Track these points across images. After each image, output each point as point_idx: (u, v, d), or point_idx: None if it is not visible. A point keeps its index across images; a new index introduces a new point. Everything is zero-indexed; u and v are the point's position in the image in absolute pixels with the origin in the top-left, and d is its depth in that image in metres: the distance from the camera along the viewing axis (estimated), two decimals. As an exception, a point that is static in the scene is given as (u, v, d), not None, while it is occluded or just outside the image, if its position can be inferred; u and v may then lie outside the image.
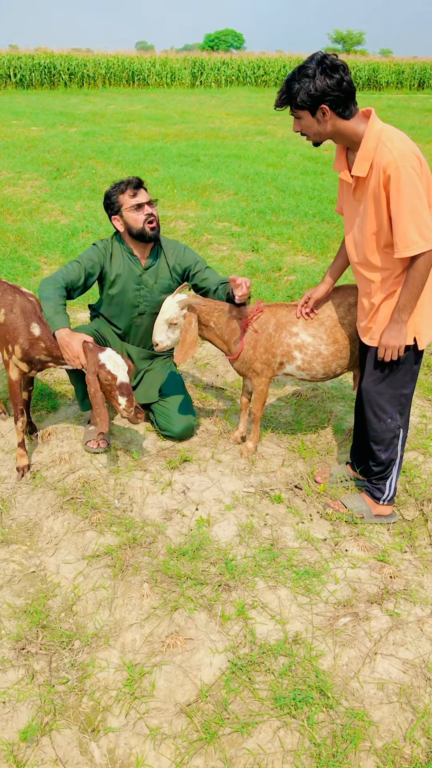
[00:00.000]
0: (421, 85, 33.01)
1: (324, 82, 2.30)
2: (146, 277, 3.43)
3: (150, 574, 2.64)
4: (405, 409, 2.77)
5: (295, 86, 2.35)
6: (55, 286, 3.12)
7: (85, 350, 3.00)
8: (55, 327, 3.02)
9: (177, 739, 2.05)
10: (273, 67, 32.21)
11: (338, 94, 2.32)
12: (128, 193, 3.28)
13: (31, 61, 27.66)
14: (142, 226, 3.28)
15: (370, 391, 2.74)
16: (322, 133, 2.46)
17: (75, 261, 3.28)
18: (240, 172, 10.09)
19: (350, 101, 2.37)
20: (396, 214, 2.35)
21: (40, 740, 2.04)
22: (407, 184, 2.30)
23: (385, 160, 2.32)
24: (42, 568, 2.71)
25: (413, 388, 2.75)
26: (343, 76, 2.31)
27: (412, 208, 2.31)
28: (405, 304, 2.49)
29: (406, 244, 2.36)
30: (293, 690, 2.17)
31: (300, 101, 2.36)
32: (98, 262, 3.33)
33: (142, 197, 3.29)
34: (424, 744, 2.04)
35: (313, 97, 2.33)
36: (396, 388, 2.70)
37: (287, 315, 3.12)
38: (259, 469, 3.34)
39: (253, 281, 5.77)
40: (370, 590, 2.61)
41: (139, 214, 3.27)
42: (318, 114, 2.39)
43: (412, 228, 2.33)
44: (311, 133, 2.47)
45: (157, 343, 3.14)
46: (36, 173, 9.94)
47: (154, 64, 30.50)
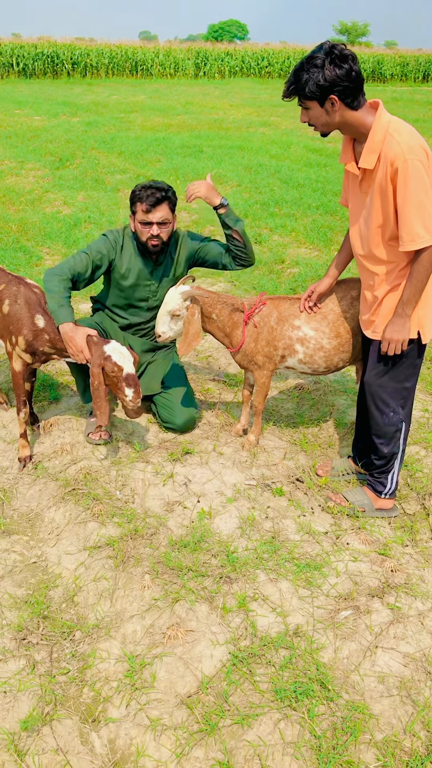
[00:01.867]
0: (426, 77, 32.83)
1: (333, 72, 2.28)
2: (158, 272, 3.42)
3: (151, 566, 2.64)
4: (407, 403, 2.77)
5: (303, 76, 2.32)
6: (61, 278, 3.10)
7: (89, 344, 2.99)
8: (60, 320, 3.01)
9: (177, 730, 2.05)
10: (277, 58, 32.01)
11: (347, 84, 2.30)
12: (143, 207, 3.20)
13: (34, 50, 27.51)
14: (145, 241, 3.27)
15: (372, 385, 2.74)
16: (330, 124, 2.44)
17: (83, 252, 3.26)
18: (243, 164, 10.05)
19: (359, 92, 2.35)
20: (402, 207, 2.34)
21: (41, 730, 2.05)
22: (414, 177, 2.28)
23: (392, 152, 2.30)
24: (43, 559, 2.71)
25: (416, 381, 2.74)
26: (352, 66, 2.29)
27: (419, 201, 2.30)
28: (409, 298, 2.48)
29: (411, 238, 2.35)
30: (294, 682, 2.18)
31: (309, 91, 2.34)
32: (107, 254, 3.31)
33: (153, 216, 3.21)
34: (424, 737, 2.04)
35: (322, 87, 2.31)
36: (399, 382, 2.69)
37: (290, 308, 3.11)
38: (261, 461, 3.34)
39: (255, 274, 5.76)
40: (371, 584, 2.61)
41: (145, 229, 3.25)
42: (327, 104, 2.37)
43: (418, 221, 2.32)
44: (319, 123, 2.45)
45: (160, 334, 3.13)
46: (38, 163, 9.90)
47: (158, 54, 30.33)
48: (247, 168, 9.83)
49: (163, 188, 3.21)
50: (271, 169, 9.79)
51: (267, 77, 31.85)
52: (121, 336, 3.57)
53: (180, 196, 6.63)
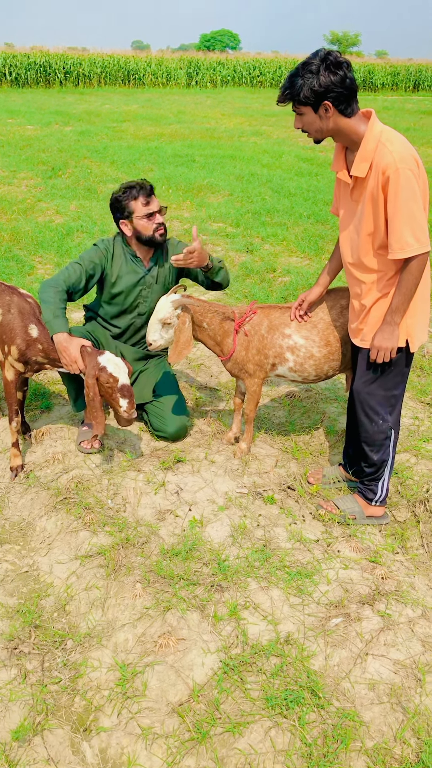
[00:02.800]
0: (416, 86, 33.12)
1: (328, 78, 2.31)
2: (149, 278, 3.45)
3: (143, 575, 2.65)
4: (395, 410, 2.79)
5: (298, 82, 2.35)
6: (56, 289, 3.12)
7: (83, 354, 3.00)
8: (54, 331, 3.02)
9: (169, 738, 2.05)
10: (269, 67, 32.24)
11: (341, 90, 2.33)
12: (141, 201, 3.27)
13: (26, 59, 27.61)
14: (152, 233, 3.31)
15: (361, 392, 2.76)
16: (324, 130, 2.46)
17: (76, 262, 3.29)
18: (235, 173, 10.10)
19: (352, 99, 2.39)
20: (393, 215, 2.37)
21: (32, 740, 2.05)
22: (405, 186, 2.31)
23: (384, 161, 2.33)
24: (35, 568, 2.71)
25: (404, 389, 2.77)
26: (347, 73, 2.33)
27: (409, 210, 2.33)
28: (398, 306, 2.51)
29: (401, 246, 2.38)
30: (285, 690, 2.18)
31: (303, 97, 2.37)
32: (99, 263, 3.34)
33: (154, 206, 3.30)
34: (414, 744, 2.05)
35: (316, 93, 2.34)
36: (387, 389, 2.72)
37: (280, 317, 3.14)
38: (252, 469, 3.35)
39: (247, 282, 5.79)
40: (362, 591, 2.62)
41: (150, 222, 3.30)
42: (320, 110, 2.39)
43: (408, 230, 2.35)
44: (313, 129, 2.48)
45: (151, 342, 3.15)
46: (31, 172, 9.93)
47: (150, 63, 30.49)
48: (238, 177, 9.88)
49: (144, 181, 3.35)
50: (262, 178, 9.84)
51: (259, 87, 32.06)
52: (113, 345, 3.58)
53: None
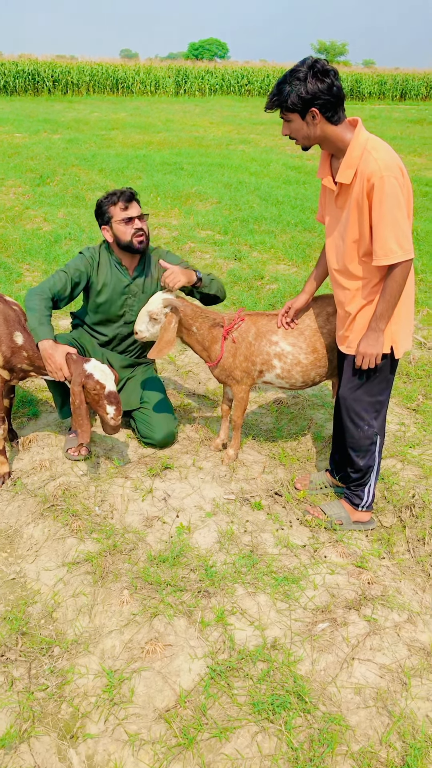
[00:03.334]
0: (403, 96, 33.39)
1: (315, 85, 2.34)
2: (133, 287, 3.46)
3: (130, 581, 2.65)
4: (381, 416, 2.81)
5: (286, 88, 2.39)
6: (42, 296, 3.13)
7: (68, 362, 3.01)
8: (39, 338, 3.03)
9: (156, 744, 2.06)
10: (257, 76, 32.40)
11: (328, 98, 2.37)
12: (119, 206, 3.29)
13: (14, 67, 27.62)
14: (130, 239, 3.31)
15: (347, 399, 2.78)
16: (311, 137, 2.49)
17: (61, 271, 3.30)
18: (223, 181, 10.15)
19: (339, 106, 2.42)
20: (377, 222, 2.39)
21: (19, 747, 2.04)
22: (390, 194, 2.34)
23: (369, 168, 2.36)
24: (22, 575, 2.71)
25: (389, 395, 2.80)
26: (334, 81, 2.36)
27: (393, 217, 2.36)
28: (382, 313, 2.53)
29: (385, 253, 2.41)
30: (271, 695, 2.19)
31: (291, 103, 2.39)
32: (85, 271, 3.35)
33: (132, 211, 3.30)
34: (399, 748, 2.06)
35: (303, 99, 2.37)
36: (373, 395, 2.74)
37: (268, 324, 3.16)
38: (240, 476, 3.36)
39: (235, 289, 5.81)
40: (348, 596, 2.63)
41: (128, 227, 3.30)
42: (308, 117, 2.42)
43: (392, 237, 2.38)
44: (300, 136, 2.51)
45: (137, 332, 3.19)
46: (19, 180, 9.93)
47: (138, 72, 30.58)
48: (227, 185, 9.93)
49: (128, 188, 3.34)
50: (250, 186, 9.89)
51: (247, 95, 32.21)
52: (100, 352, 3.59)
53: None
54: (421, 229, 7.75)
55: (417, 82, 33.17)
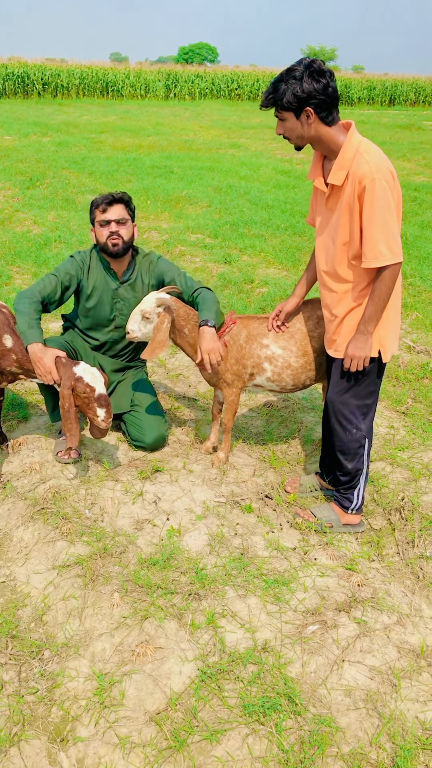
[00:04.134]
0: (392, 101, 33.61)
1: (311, 85, 2.36)
2: (122, 291, 3.45)
3: (120, 584, 2.65)
4: (369, 419, 2.83)
5: (281, 87, 2.40)
6: (31, 300, 3.13)
7: (57, 365, 3.01)
8: (28, 341, 3.02)
9: (146, 747, 2.06)
10: (246, 80, 32.52)
11: (323, 98, 2.38)
12: (100, 208, 3.29)
13: (4, 70, 27.59)
14: (105, 241, 3.31)
15: (335, 402, 2.80)
16: (304, 137, 2.51)
17: (51, 274, 3.30)
18: (213, 185, 10.17)
19: (334, 107, 2.44)
20: (367, 224, 2.41)
21: (9, 751, 2.04)
22: (381, 196, 2.36)
23: (361, 171, 2.38)
24: (12, 578, 2.70)
25: (377, 398, 2.82)
26: (329, 82, 2.38)
27: (383, 220, 2.38)
28: (371, 316, 2.55)
29: (374, 255, 2.42)
30: (262, 697, 2.20)
31: (286, 102, 2.41)
32: (75, 275, 3.35)
33: (110, 215, 3.29)
34: (389, 749, 2.07)
35: (299, 98, 2.38)
36: (360, 399, 2.76)
37: (258, 327, 3.17)
38: (230, 479, 3.37)
39: (225, 293, 5.82)
40: (338, 598, 2.64)
41: (104, 229, 3.30)
42: (302, 116, 2.44)
43: (381, 240, 2.40)
44: (294, 135, 2.52)
45: (128, 331, 3.19)
46: (9, 182, 9.91)
47: (129, 75, 30.62)
48: (217, 189, 9.95)
49: (118, 193, 3.33)
50: (240, 190, 9.92)
51: (237, 99, 32.32)
52: (92, 356, 3.59)
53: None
54: (410, 234, 7.79)
55: (406, 88, 33.42)
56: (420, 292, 6.06)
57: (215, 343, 3.05)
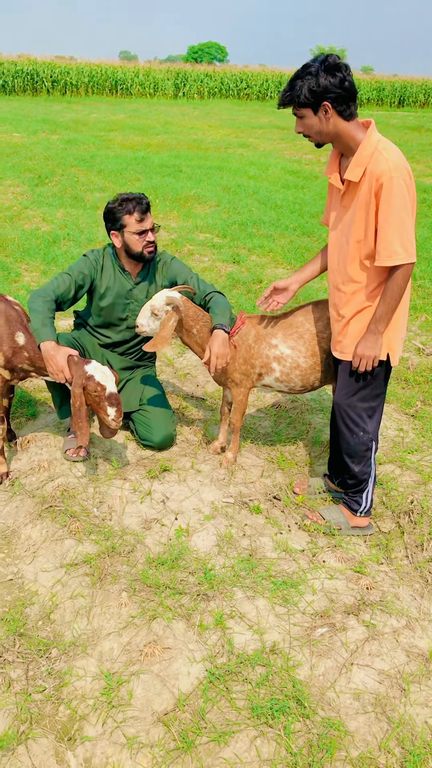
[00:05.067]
0: (401, 102, 33.52)
1: (326, 79, 2.36)
2: (136, 292, 3.45)
3: (128, 583, 2.64)
4: (375, 422, 2.83)
5: (298, 84, 2.41)
6: (45, 298, 3.13)
7: (69, 364, 3.00)
8: (41, 339, 3.02)
9: (154, 748, 2.05)
10: (255, 80, 32.48)
11: (340, 92, 2.38)
12: (135, 217, 3.24)
13: (13, 67, 27.61)
14: (141, 250, 3.30)
15: (341, 405, 2.79)
16: (323, 133, 2.50)
17: (65, 273, 3.29)
18: (222, 184, 10.15)
19: (351, 101, 2.43)
20: (383, 222, 2.40)
21: (16, 749, 2.03)
22: (398, 195, 2.36)
23: (379, 168, 2.38)
24: (19, 576, 2.69)
25: (383, 401, 2.83)
26: (345, 76, 2.38)
27: (400, 219, 2.37)
28: (382, 315, 2.54)
29: (388, 254, 2.42)
30: (270, 699, 2.19)
31: (303, 98, 2.41)
32: (88, 274, 3.35)
33: (147, 224, 3.27)
34: (398, 754, 2.06)
35: (315, 93, 2.38)
36: (367, 401, 2.76)
37: (267, 327, 3.16)
38: (239, 479, 3.36)
39: (234, 293, 5.81)
40: (347, 601, 2.63)
41: (141, 239, 3.28)
42: (320, 112, 2.43)
43: (396, 239, 2.39)
44: (313, 132, 2.51)
45: (137, 325, 3.20)
46: (17, 180, 9.91)
47: (138, 74, 30.60)
48: (225, 188, 9.93)
49: (143, 196, 3.30)
50: (249, 189, 9.90)
51: (246, 99, 32.28)
52: (100, 353, 3.58)
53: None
54: (420, 236, 7.76)
55: (415, 89, 33.31)
56: (429, 294, 6.04)
57: (226, 349, 3.08)
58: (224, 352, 3.07)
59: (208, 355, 3.06)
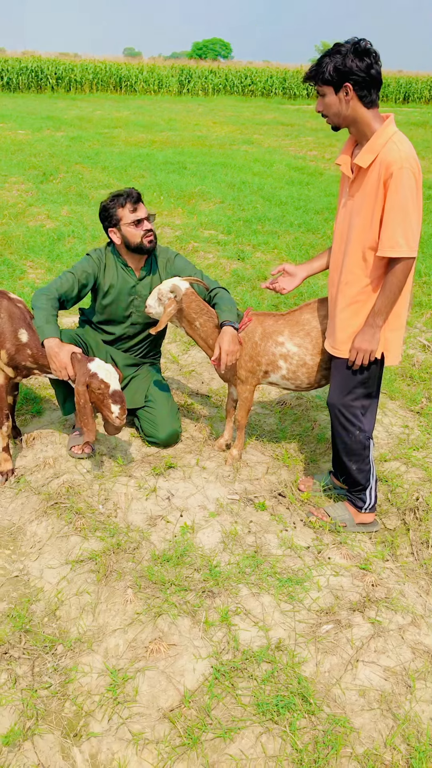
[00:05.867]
0: (406, 98, 33.39)
1: (354, 62, 2.37)
2: (140, 288, 3.45)
3: (134, 580, 2.65)
4: (369, 419, 2.84)
5: (325, 60, 2.42)
6: (49, 296, 3.14)
7: (73, 361, 3.00)
8: (45, 336, 3.03)
9: (159, 744, 2.05)
10: (260, 77, 32.40)
11: (364, 76, 2.39)
12: (128, 208, 3.26)
13: (18, 64, 27.62)
14: (140, 240, 3.30)
15: (336, 405, 2.80)
16: (341, 115, 2.50)
17: (69, 272, 3.30)
18: (226, 181, 10.14)
19: (374, 89, 2.44)
20: (389, 211, 2.41)
21: (23, 745, 2.04)
22: (407, 185, 2.37)
23: (390, 156, 2.38)
24: (25, 573, 2.70)
25: (377, 400, 2.86)
26: (373, 63, 2.39)
27: (405, 211, 2.37)
28: (381, 309, 2.55)
29: (391, 245, 2.42)
30: (276, 696, 2.19)
31: (328, 74, 2.41)
32: (92, 273, 3.35)
33: (141, 212, 3.29)
34: (404, 750, 2.06)
35: (340, 72, 2.39)
36: (360, 400, 2.78)
37: (274, 324, 3.15)
38: (244, 476, 3.36)
39: (238, 290, 5.81)
40: (352, 598, 2.63)
41: (138, 229, 3.29)
42: (341, 93, 2.44)
43: (400, 231, 2.39)
44: (332, 113, 2.51)
45: (146, 305, 3.27)
46: (22, 177, 9.92)
47: (142, 70, 30.57)
48: (230, 185, 9.92)
49: (132, 189, 3.32)
50: (254, 186, 9.88)
51: (250, 95, 32.21)
52: (104, 350, 3.58)
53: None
54: (425, 233, 7.74)
55: (420, 85, 33.17)
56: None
57: (236, 345, 3.10)
58: (234, 349, 3.09)
59: (218, 353, 3.08)
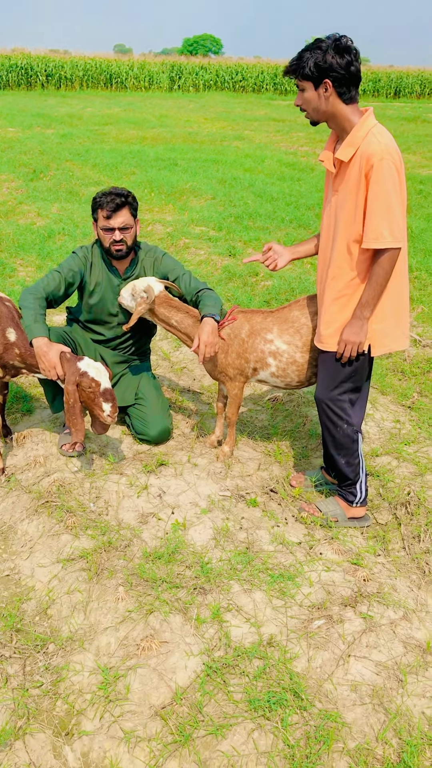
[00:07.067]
0: (397, 93, 33.43)
1: (334, 58, 2.38)
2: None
3: (125, 578, 2.64)
4: (357, 413, 2.85)
5: (306, 55, 2.42)
6: (35, 296, 3.12)
7: (62, 361, 2.99)
8: (33, 335, 3.01)
9: (151, 741, 2.05)
10: (251, 72, 32.37)
11: (344, 73, 2.39)
12: (103, 213, 3.24)
13: (7, 61, 27.52)
14: (108, 246, 3.31)
15: (323, 400, 2.80)
16: (320, 110, 2.51)
17: (55, 271, 3.29)
18: (217, 177, 10.12)
19: (353, 86, 2.45)
20: (371, 203, 2.41)
21: (14, 744, 2.03)
22: (388, 177, 2.37)
23: (371, 149, 2.39)
24: (16, 572, 2.69)
25: (366, 394, 2.88)
26: (353, 60, 2.40)
27: (388, 202, 2.38)
28: (368, 300, 2.55)
29: (375, 236, 2.43)
30: (267, 692, 2.19)
31: (308, 70, 2.42)
32: (78, 271, 3.34)
33: (114, 221, 3.23)
34: (395, 744, 2.06)
35: (319, 68, 2.40)
36: (347, 394, 2.78)
37: (262, 322, 3.14)
38: (235, 472, 3.36)
39: (229, 286, 5.80)
40: (344, 593, 2.63)
41: (107, 235, 3.28)
42: (320, 89, 2.45)
43: (384, 222, 2.40)
44: (311, 108, 2.52)
45: (120, 295, 3.33)
46: (12, 174, 9.88)
47: (132, 67, 30.51)
48: (221, 181, 9.90)
49: (123, 194, 3.25)
50: (245, 182, 9.87)
51: (241, 91, 32.17)
52: (93, 348, 3.57)
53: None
54: (416, 227, 7.75)
55: (411, 80, 33.23)
56: (426, 285, 6.02)
57: (214, 337, 3.09)
58: (213, 340, 3.08)
59: (197, 344, 3.08)
